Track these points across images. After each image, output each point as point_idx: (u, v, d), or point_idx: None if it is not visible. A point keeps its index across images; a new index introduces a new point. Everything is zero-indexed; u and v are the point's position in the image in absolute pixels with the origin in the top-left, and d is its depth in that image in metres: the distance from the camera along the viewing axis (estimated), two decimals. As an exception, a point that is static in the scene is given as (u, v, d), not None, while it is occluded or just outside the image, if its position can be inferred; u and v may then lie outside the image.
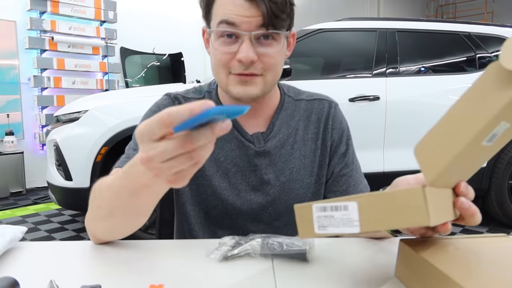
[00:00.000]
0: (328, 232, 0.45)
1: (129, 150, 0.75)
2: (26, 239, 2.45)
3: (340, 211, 0.44)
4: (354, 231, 0.43)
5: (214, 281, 0.53)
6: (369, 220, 0.43)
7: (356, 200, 0.43)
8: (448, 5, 10.16)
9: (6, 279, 0.47)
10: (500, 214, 2.81)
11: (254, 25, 0.66)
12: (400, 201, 0.41)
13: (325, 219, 0.45)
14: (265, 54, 0.69)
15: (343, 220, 0.44)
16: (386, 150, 2.72)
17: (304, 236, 0.48)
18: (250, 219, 0.78)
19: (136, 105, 2.45)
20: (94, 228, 0.65)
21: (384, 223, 0.42)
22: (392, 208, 0.41)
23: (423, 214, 0.39)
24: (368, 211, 0.43)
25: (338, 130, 0.84)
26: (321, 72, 3.01)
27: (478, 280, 0.42)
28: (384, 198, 0.42)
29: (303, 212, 0.48)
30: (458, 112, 0.40)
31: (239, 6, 0.66)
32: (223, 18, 0.67)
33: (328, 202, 0.45)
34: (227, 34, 0.68)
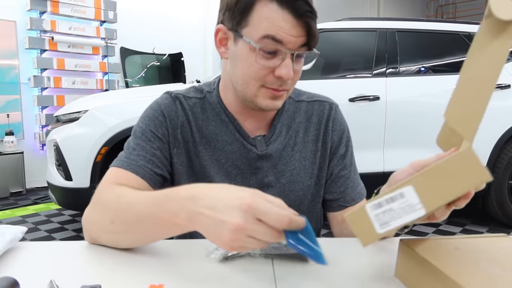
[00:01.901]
0: (393, 227, 0.43)
1: (129, 149, 0.74)
2: (26, 239, 2.45)
3: (397, 200, 0.43)
4: (420, 215, 0.42)
5: (214, 281, 0.53)
6: (431, 198, 0.42)
7: (410, 183, 0.42)
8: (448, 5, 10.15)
9: (6, 279, 0.47)
10: (500, 214, 2.81)
11: (298, 45, 0.66)
12: (454, 167, 0.41)
13: (384, 214, 0.43)
14: (296, 72, 0.69)
15: (404, 209, 0.42)
16: (386, 150, 2.71)
17: (368, 242, 0.44)
18: None
19: (136, 105, 2.44)
20: (98, 235, 0.64)
21: (446, 194, 0.41)
22: (449, 177, 0.41)
23: (481, 172, 0.40)
24: (426, 190, 0.42)
25: (338, 132, 0.84)
26: (321, 72, 3.01)
27: (478, 280, 0.42)
28: (437, 171, 0.42)
29: (357, 218, 0.44)
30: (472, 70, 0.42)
31: (289, 23, 0.64)
32: (269, 33, 0.65)
33: (380, 197, 0.43)
34: (267, 49, 0.66)
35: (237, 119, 0.78)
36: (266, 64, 0.67)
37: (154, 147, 0.75)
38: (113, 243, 0.63)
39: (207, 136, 0.78)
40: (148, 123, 0.76)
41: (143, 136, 0.75)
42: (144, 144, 0.74)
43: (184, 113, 0.78)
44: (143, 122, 0.77)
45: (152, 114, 0.77)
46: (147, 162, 0.73)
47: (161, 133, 0.76)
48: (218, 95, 0.80)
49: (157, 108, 0.78)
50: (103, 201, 0.64)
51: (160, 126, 0.76)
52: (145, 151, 0.74)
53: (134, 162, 0.72)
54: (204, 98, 0.80)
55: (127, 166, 0.71)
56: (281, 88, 0.70)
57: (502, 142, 2.70)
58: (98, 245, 0.66)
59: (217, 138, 0.78)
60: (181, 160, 0.78)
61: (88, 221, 0.66)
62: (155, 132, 0.75)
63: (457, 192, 0.41)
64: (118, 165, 0.73)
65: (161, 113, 0.77)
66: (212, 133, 0.78)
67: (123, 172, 0.71)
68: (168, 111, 0.77)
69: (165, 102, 0.79)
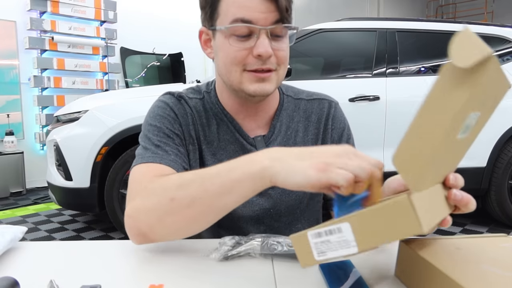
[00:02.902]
0: (328, 257, 0.45)
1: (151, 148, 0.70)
2: (26, 239, 2.45)
3: (335, 234, 0.44)
4: (352, 252, 0.43)
5: (214, 281, 0.53)
6: (365, 238, 0.42)
7: (347, 220, 0.43)
8: (448, 5, 10.16)
9: (6, 279, 0.47)
10: (500, 214, 2.81)
11: (270, 21, 0.66)
12: (389, 214, 0.41)
13: (322, 244, 0.45)
14: (278, 49, 0.68)
15: (340, 243, 0.44)
16: (386, 150, 2.71)
17: (306, 264, 0.47)
18: (251, 222, 0.78)
19: (136, 105, 2.45)
20: (152, 224, 0.58)
21: (379, 238, 0.42)
22: (383, 222, 0.41)
23: (414, 224, 0.39)
24: (361, 230, 0.42)
25: (338, 129, 0.83)
26: (321, 72, 3.01)
27: (478, 280, 0.42)
28: (373, 214, 0.42)
29: (299, 241, 0.47)
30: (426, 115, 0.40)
31: (257, 3, 0.65)
32: (237, 16, 0.65)
33: (322, 227, 0.45)
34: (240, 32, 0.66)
35: (235, 119, 0.78)
36: (241, 46, 0.67)
37: (176, 144, 0.73)
38: (168, 229, 0.58)
39: (210, 135, 0.78)
40: (162, 121, 0.74)
41: (161, 133, 0.72)
42: (166, 141, 0.72)
43: (191, 111, 0.78)
44: (156, 120, 0.74)
45: (163, 113, 0.75)
46: (176, 156, 0.70)
47: (177, 129, 0.74)
48: (215, 95, 0.80)
49: (166, 106, 0.76)
50: (159, 185, 0.60)
51: (174, 122, 0.75)
52: (170, 147, 0.71)
53: (166, 157, 0.69)
54: (203, 99, 0.80)
55: (160, 161, 0.68)
56: (265, 68, 0.68)
57: (502, 142, 2.70)
58: (98, 245, 0.66)
59: (218, 137, 0.78)
60: (195, 157, 0.77)
61: (139, 212, 0.60)
62: (172, 129, 0.74)
63: (389, 238, 0.41)
64: (148, 161, 0.68)
65: (171, 110, 0.76)
66: (214, 133, 0.78)
67: (158, 166, 0.67)
68: (177, 109, 0.76)
69: (171, 101, 0.77)
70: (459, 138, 0.41)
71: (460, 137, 0.41)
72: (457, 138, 0.41)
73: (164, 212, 0.57)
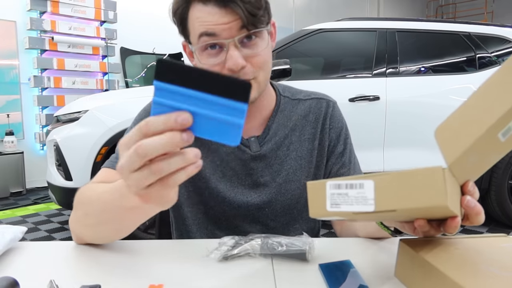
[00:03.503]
0: (341, 210, 0.44)
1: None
2: (26, 239, 2.45)
3: (355, 189, 0.43)
4: (368, 209, 0.42)
5: (214, 281, 0.53)
6: (385, 199, 0.42)
7: (373, 178, 0.43)
8: (448, 5, 10.16)
9: (6, 279, 0.47)
10: (500, 214, 2.81)
11: (235, 30, 0.64)
12: (418, 180, 0.40)
13: (339, 196, 0.44)
14: (253, 55, 0.67)
15: (358, 198, 0.43)
16: (386, 150, 2.71)
17: (315, 214, 0.46)
18: (247, 220, 0.78)
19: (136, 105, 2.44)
20: (80, 231, 0.64)
21: (399, 202, 0.41)
22: (410, 187, 0.41)
23: (441, 194, 0.39)
24: (384, 190, 0.42)
25: (336, 129, 0.83)
26: (321, 72, 3.01)
27: (478, 280, 0.42)
28: (402, 177, 0.41)
29: (315, 189, 0.46)
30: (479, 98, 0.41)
31: (215, 14, 0.64)
32: (201, 31, 0.65)
33: (343, 180, 0.44)
34: (210, 45, 0.66)
35: None
36: (213, 61, 0.67)
37: None
38: (93, 237, 0.64)
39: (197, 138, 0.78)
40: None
41: None
42: None
43: None
44: (135, 123, 0.77)
45: (145, 116, 0.77)
46: None
47: None
48: None
49: (148, 108, 0.78)
50: (80, 198, 0.63)
51: None
52: None
53: None
54: None
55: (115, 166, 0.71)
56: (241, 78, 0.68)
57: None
58: (97, 245, 0.66)
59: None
60: None
61: (72, 220, 0.65)
62: None
63: (410, 204, 0.41)
64: (108, 165, 0.73)
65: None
66: None
67: (112, 172, 0.71)
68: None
69: None
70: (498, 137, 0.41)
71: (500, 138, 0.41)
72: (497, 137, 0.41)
73: (84, 224, 0.62)
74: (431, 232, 0.49)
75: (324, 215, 0.46)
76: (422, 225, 0.48)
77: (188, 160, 0.37)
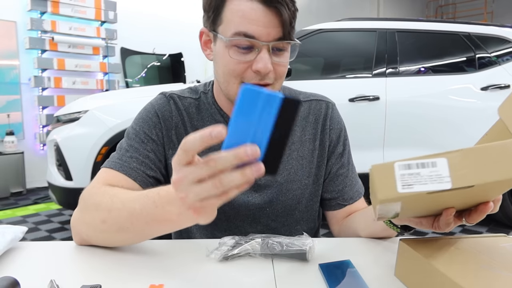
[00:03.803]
0: (414, 191, 0.42)
1: (121, 150, 0.74)
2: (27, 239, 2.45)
3: (427, 167, 0.42)
4: (445, 187, 0.42)
5: (214, 281, 0.53)
6: (461, 175, 0.41)
7: (445, 156, 0.42)
8: (448, 5, 10.15)
9: (6, 279, 0.47)
10: (500, 214, 2.81)
11: (273, 36, 0.65)
12: (495, 153, 0.41)
13: (410, 177, 0.43)
14: (278, 64, 0.68)
15: (432, 177, 0.42)
16: (386, 150, 2.71)
17: (385, 196, 0.44)
18: (248, 221, 0.78)
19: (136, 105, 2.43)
20: (88, 235, 0.63)
21: (477, 176, 0.41)
22: (486, 161, 0.41)
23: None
24: (459, 166, 0.42)
25: (336, 130, 0.84)
26: (321, 72, 3.01)
27: (478, 280, 0.42)
28: (476, 152, 0.41)
29: (382, 171, 0.44)
30: None
31: (258, 11, 0.63)
32: (241, 29, 0.64)
33: (412, 160, 0.43)
34: (241, 45, 0.65)
35: None
36: (242, 59, 0.66)
37: (148, 149, 0.74)
38: (104, 242, 0.63)
39: None
40: (142, 124, 0.76)
41: (137, 138, 0.75)
42: (137, 146, 0.74)
43: (179, 113, 0.78)
44: (137, 123, 0.77)
45: (146, 116, 0.77)
46: (140, 164, 0.72)
47: (155, 134, 0.75)
48: (212, 96, 0.80)
49: (151, 109, 0.78)
50: (94, 202, 0.62)
51: (154, 127, 0.76)
52: (138, 152, 0.73)
53: (127, 164, 0.71)
54: (199, 99, 0.80)
55: (119, 168, 0.71)
56: (263, 83, 0.68)
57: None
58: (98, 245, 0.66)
59: None
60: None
61: (78, 222, 0.64)
62: (148, 134, 0.75)
63: (491, 177, 0.41)
64: (110, 166, 0.72)
65: (154, 114, 0.77)
66: None
67: (114, 174, 0.70)
68: (162, 112, 0.77)
69: (159, 102, 0.78)
70: None
71: None
72: None
73: (98, 230, 0.61)
74: (452, 224, 0.50)
75: (395, 198, 0.43)
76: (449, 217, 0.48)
77: (247, 176, 0.38)
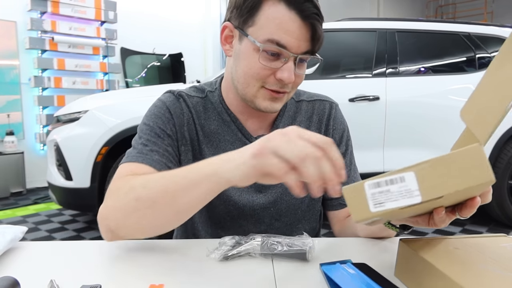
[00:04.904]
0: (386, 208, 0.43)
1: (139, 145, 0.72)
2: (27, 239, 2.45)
3: (396, 183, 0.42)
4: (415, 201, 0.42)
5: (214, 281, 0.53)
6: (430, 187, 0.41)
7: (412, 169, 0.42)
8: (448, 5, 10.15)
9: (6, 279, 0.47)
10: (499, 214, 2.81)
11: (302, 49, 0.67)
12: (460, 161, 0.40)
13: (381, 195, 0.43)
14: (298, 75, 0.70)
15: (401, 193, 0.42)
16: (386, 150, 2.71)
17: (359, 218, 0.45)
18: (251, 220, 0.78)
19: (136, 105, 2.45)
20: (120, 223, 0.61)
21: (446, 186, 0.41)
22: (452, 170, 0.40)
23: (486, 170, 0.39)
24: (427, 178, 0.41)
25: (339, 130, 0.84)
26: (321, 72, 3.01)
27: (478, 280, 0.42)
28: (442, 162, 0.41)
29: (353, 193, 0.45)
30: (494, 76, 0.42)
31: (296, 24, 0.65)
32: (274, 37, 0.65)
33: (381, 177, 0.43)
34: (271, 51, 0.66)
35: (239, 119, 0.79)
36: (268, 65, 0.67)
37: (165, 144, 0.73)
38: (134, 227, 0.61)
39: (210, 135, 0.78)
40: (156, 120, 0.75)
41: (152, 133, 0.73)
42: (155, 140, 0.73)
43: (189, 110, 0.78)
44: (150, 120, 0.75)
45: (158, 112, 0.76)
46: (161, 156, 0.71)
47: (169, 129, 0.75)
48: (220, 94, 0.80)
49: (162, 105, 0.77)
50: (126, 186, 0.61)
51: (168, 123, 0.75)
52: (157, 146, 0.72)
53: (149, 156, 0.70)
54: (205, 98, 0.80)
55: (142, 160, 0.69)
56: (282, 90, 0.70)
57: (502, 142, 2.70)
58: (97, 245, 0.66)
59: (219, 137, 0.78)
60: (188, 158, 0.77)
61: (107, 211, 0.62)
62: (164, 129, 0.74)
63: (456, 187, 0.40)
64: (131, 160, 0.70)
65: (167, 110, 0.76)
66: (215, 133, 0.78)
67: (138, 165, 0.68)
68: (173, 108, 0.77)
69: (169, 100, 0.78)
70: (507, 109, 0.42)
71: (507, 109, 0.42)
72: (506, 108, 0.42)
73: (130, 211, 0.59)
74: (447, 220, 0.49)
75: (369, 217, 0.44)
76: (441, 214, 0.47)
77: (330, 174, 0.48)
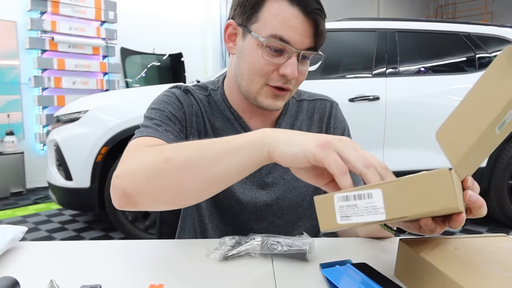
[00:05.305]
0: (351, 222, 0.44)
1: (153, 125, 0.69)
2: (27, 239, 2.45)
3: (364, 199, 0.43)
4: (379, 219, 0.42)
5: (214, 281, 0.53)
6: (395, 207, 0.41)
7: (380, 187, 0.42)
8: (448, 5, 10.15)
9: (6, 279, 0.47)
10: (499, 214, 2.81)
11: (305, 45, 0.67)
12: (426, 184, 0.40)
13: (348, 208, 0.44)
14: (301, 72, 0.71)
15: (368, 209, 0.43)
16: (386, 150, 2.71)
17: (326, 228, 0.45)
18: (254, 217, 0.79)
19: (136, 105, 2.45)
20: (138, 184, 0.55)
21: (410, 208, 0.41)
22: (418, 192, 0.40)
23: (451, 196, 0.39)
24: (393, 197, 0.41)
25: (340, 129, 0.85)
26: (321, 72, 3.01)
27: (478, 280, 0.42)
28: (409, 183, 0.41)
29: (323, 203, 0.46)
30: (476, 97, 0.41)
31: (299, 20, 0.65)
32: (277, 33, 0.66)
33: (350, 191, 0.44)
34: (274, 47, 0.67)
35: (242, 117, 0.79)
36: (272, 60, 0.68)
37: (177, 129, 0.72)
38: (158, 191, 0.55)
39: (215, 131, 0.79)
40: (166, 106, 0.73)
41: (163, 116, 0.71)
42: (167, 122, 0.71)
43: (197, 103, 0.78)
44: (160, 105, 0.73)
45: (168, 99, 0.75)
46: (176, 137, 0.69)
47: (179, 116, 0.74)
48: (223, 93, 0.81)
49: (171, 95, 0.76)
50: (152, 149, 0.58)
51: (178, 110, 0.74)
52: (171, 127, 0.70)
53: (165, 134, 0.67)
54: (209, 96, 0.81)
55: (160, 136, 0.66)
56: (285, 87, 0.70)
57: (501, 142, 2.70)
58: (97, 245, 0.66)
59: (223, 135, 0.78)
60: None
61: (126, 172, 0.56)
62: (175, 114, 0.73)
63: (420, 209, 0.40)
64: (148, 134, 0.66)
65: (176, 99, 0.75)
66: (219, 129, 0.79)
67: (155, 140, 0.65)
68: (183, 99, 0.76)
69: (178, 92, 0.77)
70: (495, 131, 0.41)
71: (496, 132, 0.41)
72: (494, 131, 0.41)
73: (156, 173, 0.54)
74: (437, 229, 0.49)
75: (335, 228, 0.45)
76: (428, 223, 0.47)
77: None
